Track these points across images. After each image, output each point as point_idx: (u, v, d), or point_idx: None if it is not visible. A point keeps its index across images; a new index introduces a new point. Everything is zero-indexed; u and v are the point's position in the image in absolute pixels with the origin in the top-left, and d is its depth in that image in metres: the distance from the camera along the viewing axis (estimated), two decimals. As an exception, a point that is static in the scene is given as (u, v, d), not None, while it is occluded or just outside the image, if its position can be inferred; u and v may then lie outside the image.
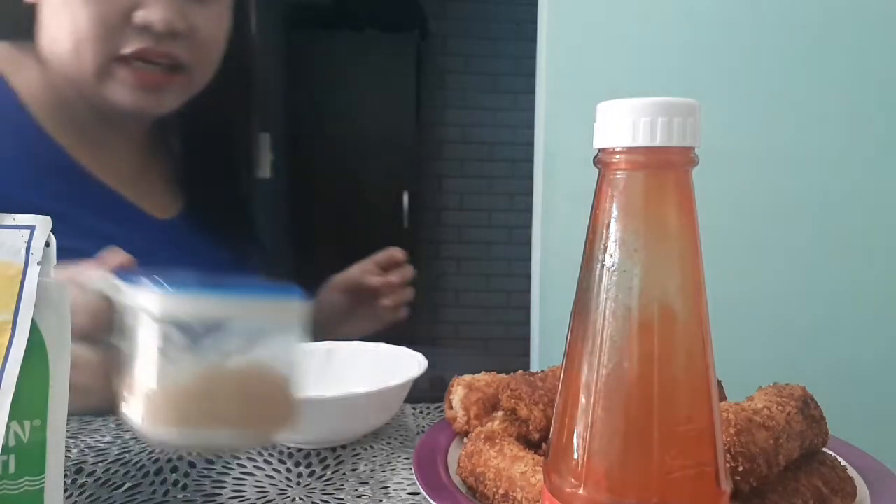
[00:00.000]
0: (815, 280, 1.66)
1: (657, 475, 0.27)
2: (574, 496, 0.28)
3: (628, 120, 0.27)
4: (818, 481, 0.45)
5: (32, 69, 0.72)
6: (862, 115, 1.63)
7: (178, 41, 0.69)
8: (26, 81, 0.72)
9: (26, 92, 0.72)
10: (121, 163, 0.78)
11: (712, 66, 1.60)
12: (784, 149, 1.63)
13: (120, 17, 0.66)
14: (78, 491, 0.53)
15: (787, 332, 1.64)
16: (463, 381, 0.58)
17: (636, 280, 0.27)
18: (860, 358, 1.64)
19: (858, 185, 1.64)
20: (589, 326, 0.28)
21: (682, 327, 0.28)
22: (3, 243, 0.37)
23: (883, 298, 1.67)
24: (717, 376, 0.29)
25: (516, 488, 0.45)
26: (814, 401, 0.48)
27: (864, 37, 1.61)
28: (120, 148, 0.79)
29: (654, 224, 0.28)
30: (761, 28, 1.60)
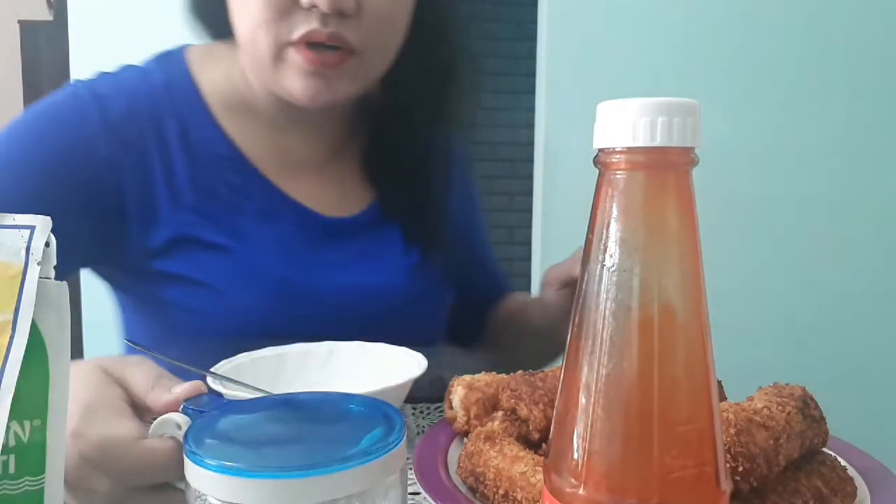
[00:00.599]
0: (815, 280, 1.66)
1: (657, 475, 0.27)
2: (574, 496, 0.28)
3: (628, 120, 0.27)
4: (818, 481, 0.45)
5: (219, 68, 0.74)
6: (862, 115, 1.63)
7: (346, 21, 0.65)
8: (211, 79, 0.74)
9: (209, 89, 0.74)
10: (302, 158, 0.77)
11: (712, 66, 1.61)
12: (784, 149, 1.63)
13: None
14: (78, 491, 0.52)
15: (787, 332, 1.64)
16: (463, 381, 0.58)
17: (636, 280, 0.27)
18: (860, 358, 1.64)
19: (859, 186, 1.64)
20: (589, 326, 0.28)
21: (682, 327, 0.28)
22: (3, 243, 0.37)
23: (883, 298, 1.67)
24: (717, 376, 0.29)
25: (516, 488, 0.45)
26: (814, 401, 0.48)
27: (864, 37, 1.61)
28: (303, 142, 0.77)
29: (654, 224, 0.28)
30: (761, 29, 1.60)
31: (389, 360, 0.66)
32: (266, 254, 0.73)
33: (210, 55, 0.76)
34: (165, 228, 0.70)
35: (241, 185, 0.73)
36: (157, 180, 0.70)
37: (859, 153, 1.64)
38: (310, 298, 0.73)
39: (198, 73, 0.75)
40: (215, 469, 0.29)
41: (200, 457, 0.30)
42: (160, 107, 0.71)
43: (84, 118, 0.68)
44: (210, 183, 0.72)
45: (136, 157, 0.69)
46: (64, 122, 0.68)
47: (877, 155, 1.65)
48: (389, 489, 0.32)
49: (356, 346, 0.68)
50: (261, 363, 0.65)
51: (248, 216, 0.73)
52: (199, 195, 0.71)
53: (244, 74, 0.73)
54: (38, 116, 0.70)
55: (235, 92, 0.74)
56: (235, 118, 0.74)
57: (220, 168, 0.73)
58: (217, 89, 0.74)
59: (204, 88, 0.74)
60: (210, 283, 0.70)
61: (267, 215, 0.74)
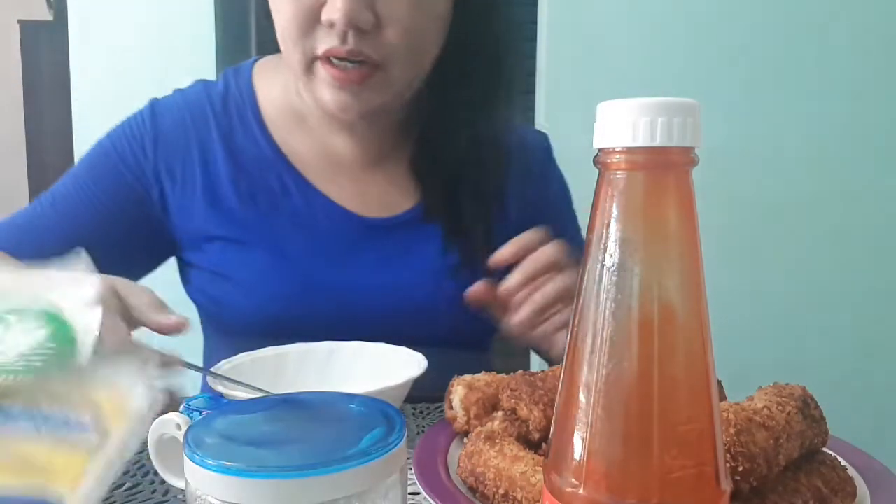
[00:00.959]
0: (815, 280, 1.66)
1: (657, 475, 0.27)
2: (574, 496, 0.28)
3: (628, 120, 0.27)
4: (818, 481, 0.45)
5: (278, 78, 0.80)
6: (862, 115, 1.63)
7: (365, 37, 0.66)
8: (268, 88, 0.80)
9: (264, 97, 0.80)
10: (346, 161, 0.79)
11: (712, 66, 1.61)
12: (783, 149, 1.63)
13: (310, 15, 0.66)
14: (78, 491, 0.53)
15: (787, 332, 1.64)
16: (463, 381, 0.58)
17: (636, 280, 0.27)
18: (860, 358, 1.64)
19: (859, 186, 1.64)
20: (589, 326, 0.28)
21: (682, 327, 0.28)
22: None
23: (883, 298, 1.67)
24: (717, 376, 0.29)
25: (516, 488, 0.45)
26: (814, 401, 0.48)
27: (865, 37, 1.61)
28: (348, 147, 0.79)
29: (654, 224, 0.28)
30: (761, 29, 1.60)
31: (389, 360, 0.66)
32: (298, 253, 0.75)
33: (274, 66, 0.81)
34: (202, 225, 0.76)
35: (281, 187, 0.77)
36: (195, 182, 0.77)
37: (859, 153, 1.64)
38: (339, 296, 0.74)
39: (258, 82, 0.81)
40: (215, 469, 0.29)
41: (200, 457, 0.30)
42: (210, 115, 0.79)
43: (138, 129, 0.78)
44: (250, 184, 0.77)
45: (179, 162, 0.77)
46: (128, 133, 0.79)
47: (877, 155, 1.65)
48: (389, 489, 0.32)
49: (356, 346, 0.68)
50: (261, 363, 0.65)
51: (285, 217, 0.76)
52: (240, 196, 0.76)
53: (296, 83, 0.76)
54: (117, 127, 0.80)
55: (287, 100, 0.79)
56: (285, 124, 0.79)
57: (261, 170, 0.78)
58: (271, 97, 0.80)
59: (260, 96, 0.80)
60: (238, 278, 0.72)
61: (304, 216, 0.77)
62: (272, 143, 0.78)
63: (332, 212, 0.77)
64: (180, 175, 0.77)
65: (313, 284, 0.75)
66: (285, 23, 0.68)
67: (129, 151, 0.77)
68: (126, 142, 0.78)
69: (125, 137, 0.78)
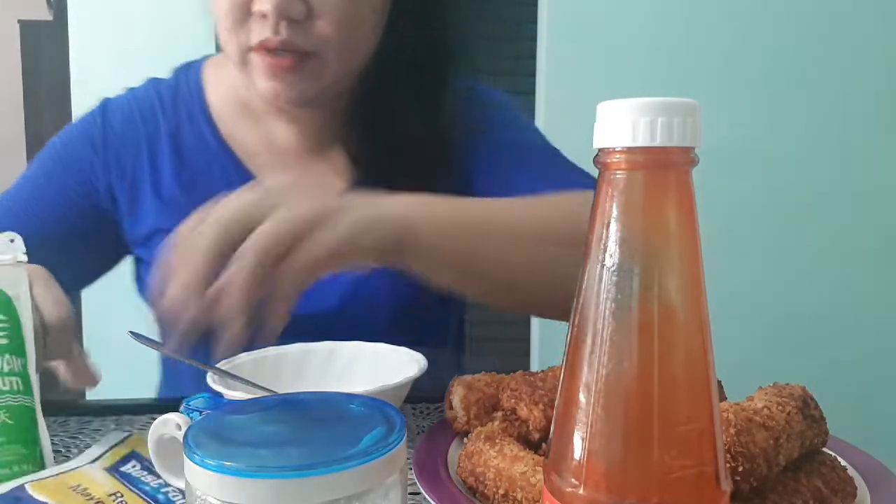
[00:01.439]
0: (815, 280, 1.66)
1: (657, 475, 0.27)
2: (574, 496, 0.28)
3: (628, 120, 0.27)
4: (818, 481, 0.45)
5: (227, 71, 0.81)
6: (862, 115, 1.63)
7: (297, 27, 0.67)
8: (216, 82, 0.83)
9: (212, 91, 0.82)
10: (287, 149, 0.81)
11: (712, 66, 1.61)
12: (784, 149, 1.63)
13: (243, 6, 0.68)
14: (78, 491, 0.53)
15: (787, 332, 1.64)
16: (463, 381, 0.58)
17: (636, 280, 0.27)
18: (860, 358, 1.64)
19: (859, 185, 1.65)
20: (589, 326, 0.28)
21: (683, 327, 0.28)
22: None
23: (883, 298, 1.67)
24: (717, 376, 0.29)
25: (516, 488, 0.45)
26: (814, 401, 0.48)
27: (865, 37, 1.61)
28: (289, 135, 0.81)
29: (654, 224, 0.28)
30: (761, 29, 1.60)
31: (389, 360, 0.66)
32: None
33: (223, 61, 0.82)
34: (148, 220, 0.79)
35: (224, 178, 0.79)
36: (144, 178, 0.80)
37: (859, 153, 1.64)
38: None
39: (208, 77, 0.83)
40: (215, 469, 0.29)
41: (200, 457, 0.30)
42: (158, 112, 0.81)
43: (88, 127, 0.81)
44: (194, 176, 0.79)
45: (129, 158, 0.80)
46: (80, 131, 0.82)
47: (877, 155, 1.65)
48: (389, 489, 0.32)
49: (356, 346, 0.68)
50: (261, 363, 0.65)
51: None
52: (183, 187, 0.79)
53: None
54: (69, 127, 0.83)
55: (234, 93, 0.81)
56: (231, 116, 0.81)
57: (206, 162, 0.80)
58: (219, 90, 0.82)
59: (209, 90, 0.82)
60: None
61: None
62: (218, 136, 0.81)
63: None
64: (130, 171, 0.80)
65: None
66: (221, 14, 0.69)
67: (80, 149, 0.80)
68: (77, 140, 0.81)
69: (76, 136, 0.81)
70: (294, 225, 0.52)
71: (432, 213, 0.59)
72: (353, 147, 0.79)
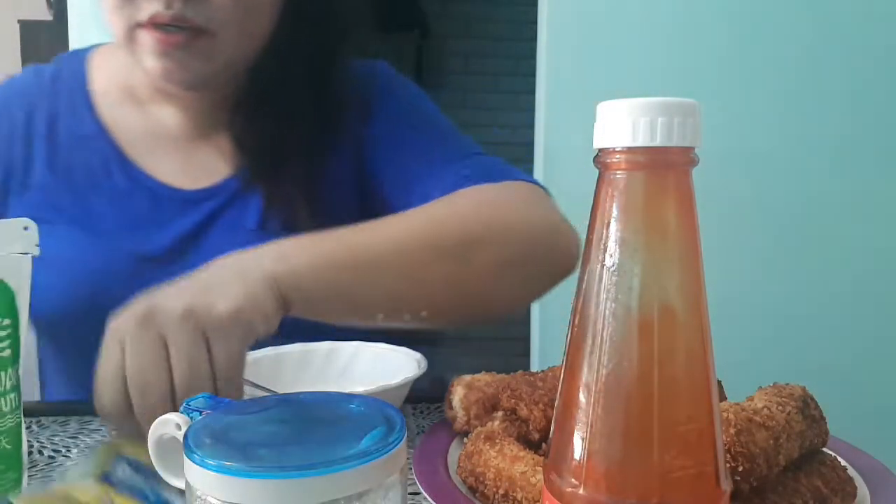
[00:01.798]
0: (815, 280, 1.66)
1: (657, 475, 0.27)
2: (574, 496, 0.28)
3: (628, 120, 0.27)
4: (818, 481, 0.45)
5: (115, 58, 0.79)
6: (862, 115, 1.63)
7: (191, 4, 0.65)
8: (102, 68, 0.81)
9: (96, 77, 0.80)
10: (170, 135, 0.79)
11: (712, 66, 1.60)
12: (783, 149, 1.63)
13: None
14: (78, 491, 0.53)
15: (787, 332, 1.64)
16: (463, 381, 0.58)
17: (636, 280, 0.27)
18: (860, 358, 1.64)
19: (859, 186, 1.64)
20: (589, 326, 0.28)
21: (683, 327, 0.28)
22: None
23: (883, 298, 1.67)
24: (717, 376, 0.29)
25: (516, 488, 0.45)
26: (814, 401, 0.48)
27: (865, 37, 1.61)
28: (174, 120, 0.79)
29: (654, 224, 0.28)
30: (761, 28, 1.60)
31: (389, 360, 0.66)
32: (110, 228, 0.76)
33: (113, 47, 0.79)
34: (17, 209, 0.76)
35: (101, 164, 0.77)
36: (16, 166, 0.78)
37: (860, 153, 1.64)
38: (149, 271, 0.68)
39: (93, 64, 0.81)
40: (215, 469, 0.29)
41: (200, 457, 0.30)
42: (35, 98, 0.79)
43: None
44: (68, 164, 0.77)
45: (5, 148, 0.78)
46: None
47: (877, 155, 1.65)
48: (389, 489, 0.32)
49: (355, 346, 0.68)
50: (261, 363, 0.65)
51: (101, 193, 0.76)
52: (55, 174, 0.77)
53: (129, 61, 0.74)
54: None
55: (120, 77, 0.79)
56: (114, 101, 0.79)
57: (83, 148, 0.77)
58: (104, 77, 0.80)
59: (92, 77, 0.80)
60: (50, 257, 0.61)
61: (121, 192, 0.77)
62: (97, 121, 0.78)
63: (148, 185, 0.77)
64: (16, 162, 0.78)
65: (123, 259, 0.74)
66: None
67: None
68: None
69: None
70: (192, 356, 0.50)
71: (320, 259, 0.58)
72: (239, 132, 0.77)
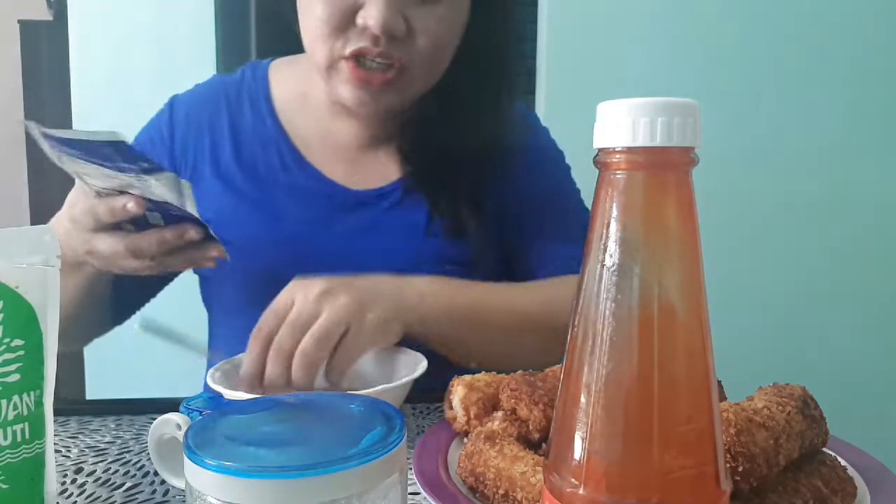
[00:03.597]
0: (815, 280, 1.66)
1: (657, 475, 0.27)
2: (574, 496, 0.28)
3: (628, 120, 0.27)
4: (818, 481, 0.45)
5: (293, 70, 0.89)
6: (862, 114, 1.63)
7: (396, 43, 0.71)
8: (282, 78, 0.89)
9: (277, 85, 0.88)
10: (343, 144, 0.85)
11: (712, 66, 1.60)
12: (784, 148, 1.63)
13: (344, 18, 0.71)
14: (78, 491, 0.53)
15: (787, 332, 1.64)
16: (463, 381, 0.58)
17: (636, 280, 0.27)
18: (860, 358, 1.64)
19: (859, 186, 1.64)
20: (589, 326, 0.28)
21: (683, 327, 0.28)
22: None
23: (883, 298, 1.67)
24: (717, 376, 0.29)
25: (516, 488, 0.45)
26: (814, 401, 0.48)
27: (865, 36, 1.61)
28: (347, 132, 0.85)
29: (654, 224, 0.28)
30: (761, 28, 1.60)
31: (389, 360, 0.66)
32: (289, 217, 0.83)
33: (291, 61, 0.90)
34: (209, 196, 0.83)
35: (280, 162, 0.85)
36: (204, 159, 0.85)
37: (860, 153, 1.64)
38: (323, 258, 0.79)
39: (273, 74, 0.89)
40: (215, 469, 0.29)
41: (200, 457, 0.30)
42: (222, 98, 0.88)
43: (157, 122, 0.89)
44: (252, 157, 0.85)
45: (192, 142, 0.87)
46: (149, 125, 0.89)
47: (877, 154, 1.65)
48: (389, 489, 0.32)
49: (356, 346, 0.68)
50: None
51: (280, 187, 0.83)
52: (242, 167, 0.84)
53: (310, 75, 0.82)
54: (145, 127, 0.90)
55: (298, 89, 0.87)
56: (292, 109, 0.87)
57: (264, 145, 0.85)
58: (283, 86, 0.88)
59: (273, 85, 0.89)
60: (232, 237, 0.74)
61: (298, 187, 0.84)
62: (277, 123, 0.86)
63: (324, 183, 0.84)
64: (192, 154, 0.86)
65: (300, 246, 0.81)
66: (316, 21, 0.72)
67: (147, 138, 0.87)
68: (146, 132, 0.88)
69: (146, 129, 0.89)
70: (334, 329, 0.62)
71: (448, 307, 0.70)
72: (407, 145, 0.84)
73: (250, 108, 0.88)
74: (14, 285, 0.40)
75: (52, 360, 0.42)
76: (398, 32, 0.71)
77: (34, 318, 0.41)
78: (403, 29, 0.71)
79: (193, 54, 1.60)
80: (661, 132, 0.27)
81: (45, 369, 0.42)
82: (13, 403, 0.40)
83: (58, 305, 0.43)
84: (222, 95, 0.89)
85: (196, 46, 1.59)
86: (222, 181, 0.84)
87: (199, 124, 0.88)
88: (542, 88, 1.62)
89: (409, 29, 0.72)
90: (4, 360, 0.40)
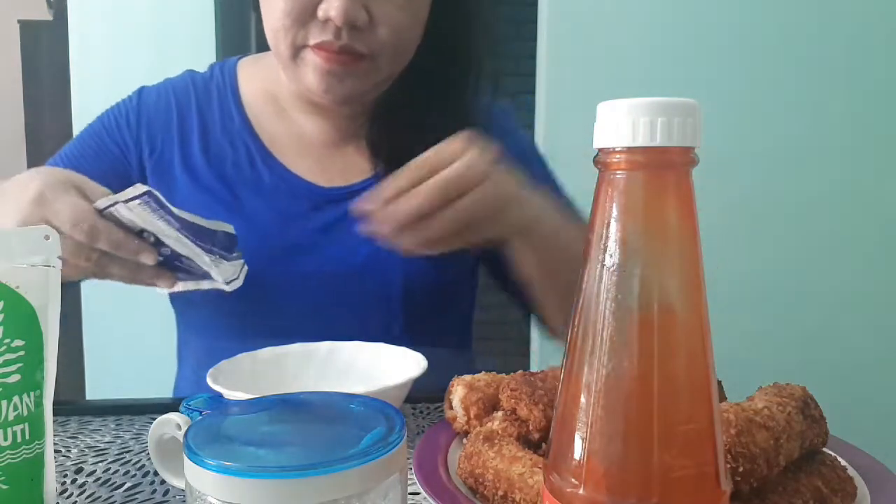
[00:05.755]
0: (815, 280, 1.66)
1: (657, 475, 0.27)
2: (574, 496, 0.28)
3: (628, 120, 0.27)
4: (818, 481, 0.45)
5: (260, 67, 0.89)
6: (863, 114, 1.63)
7: (358, 33, 0.71)
8: (250, 76, 0.89)
9: (244, 82, 0.89)
10: (313, 140, 0.86)
11: (712, 66, 1.60)
12: (783, 149, 1.63)
13: (305, 10, 0.71)
14: (78, 491, 0.53)
15: (787, 332, 1.64)
16: (463, 381, 0.58)
17: (636, 280, 0.27)
18: (860, 358, 1.64)
19: (859, 185, 1.64)
20: (589, 326, 0.28)
21: (682, 327, 0.28)
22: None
23: (883, 298, 1.67)
24: (717, 376, 0.29)
25: (515, 489, 0.45)
26: (814, 401, 0.48)
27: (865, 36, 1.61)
28: (316, 128, 0.85)
29: (654, 224, 0.28)
30: (761, 28, 1.60)
31: (389, 360, 0.66)
32: (256, 215, 0.82)
33: (257, 59, 0.91)
34: (179, 196, 0.83)
35: (248, 159, 0.85)
36: (173, 150, 0.85)
37: (860, 153, 1.64)
38: (292, 256, 0.80)
39: (241, 71, 0.89)
40: (215, 469, 0.29)
41: (200, 457, 0.30)
42: (191, 92, 0.88)
43: (124, 107, 0.88)
44: (220, 154, 0.85)
45: (159, 133, 0.86)
46: (115, 110, 0.88)
47: (878, 154, 1.65)
48: (389, 489, 0.32)
49: (356, 346, 0.68)
50: (261, 363, 0.65)
51: (249, 184, 0.83)
52: (210, 164, 0.84)
53: (276, 72, 0.83)
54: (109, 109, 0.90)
55: (265, 86, 0.87)
56: (260, 106, 0.87)
57: (232, 142, 0.85)
58: (251, 83, 0.88)
59: (241, 82, 0.89)
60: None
61: (266, 184, 0.83)
62: (245, 120, 0.86)
63: (292, 182, 0.84)
64: (159, 145, 0.86)
65: (269, 244, 0.81)
66: (278, 13, 0.71)
67: (115, 124, 0.87)
68: (112, 116, 0.88)
69: (112, 113, 0.88)
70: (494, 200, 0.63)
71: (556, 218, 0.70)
72: (375, 141, 0.84)
73: (218, 105, 0.88)
74: (15, 285, 0.40)
75: (53, 361, 0.43)
76: (360, 23, 0.70)
77: (35, 318, 0.41)
78: (365, 19, 0.71)
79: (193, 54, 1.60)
80: (661, 132, 0.27)
81: (45, 370, 0.42)
82: (13, 404, 0.40)
83: (58, 306, 0.43)
84: (192, 90, 0.89)
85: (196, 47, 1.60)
86: (189, 174, 0.84)
87: (167, 115, 0.87)
88: (542, 88, 1.62)
89: (371, 19, 0.71)
90: (5, 361, 0.40)
